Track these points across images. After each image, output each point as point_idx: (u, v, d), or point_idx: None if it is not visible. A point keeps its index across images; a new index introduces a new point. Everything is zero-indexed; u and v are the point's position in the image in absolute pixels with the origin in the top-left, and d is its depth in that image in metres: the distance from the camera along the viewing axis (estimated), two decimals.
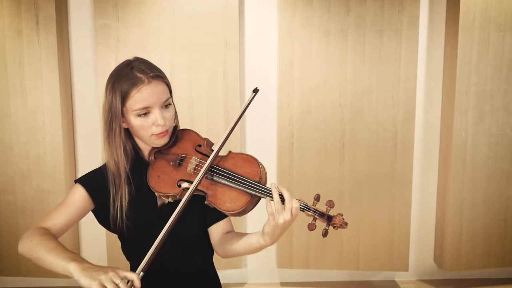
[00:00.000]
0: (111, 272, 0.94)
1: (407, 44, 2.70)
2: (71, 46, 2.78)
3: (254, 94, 1.23)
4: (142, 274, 0.99)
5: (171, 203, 1.20)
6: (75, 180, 1.25)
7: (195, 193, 1.14)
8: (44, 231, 1.14)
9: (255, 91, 1.24)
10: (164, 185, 1.18)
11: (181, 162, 1.20)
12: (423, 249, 3.02)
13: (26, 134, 2.68)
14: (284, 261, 2.87)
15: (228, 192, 1.14)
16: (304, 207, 1.12)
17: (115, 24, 2.63)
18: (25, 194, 2.72)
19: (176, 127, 1.26)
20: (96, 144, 2.75)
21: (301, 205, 1.11)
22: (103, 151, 1.22)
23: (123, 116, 1.16)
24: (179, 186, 1.17)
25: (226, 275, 2.81)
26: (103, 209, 1.23)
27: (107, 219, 1.23)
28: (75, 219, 1.22)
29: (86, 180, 1.24)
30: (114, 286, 0.91)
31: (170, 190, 1.17)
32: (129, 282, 0.95)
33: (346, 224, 1.13)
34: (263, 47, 2.82)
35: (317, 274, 3.00)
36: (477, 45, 2.68)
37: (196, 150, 1.22)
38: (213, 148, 1.21)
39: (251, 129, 2.87)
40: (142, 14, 2.63)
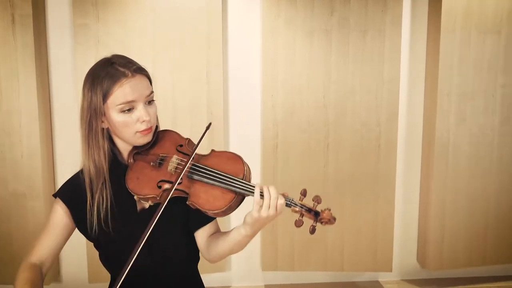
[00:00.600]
0: None
1: (390, 44, 2.71)
2: (49, 46, 2.70)
3: (207, 129, 1.18)
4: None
5: (151, 208, 1.16)
6: (53, 194, 1.21)
7: (177, 194, 1.09)
8: (25, 269, 1.12)
9: (208, 127, 1.19)
10: (143, 186, 1.12)
11: (161, 162, 1.16)
12: (406, 248, 3.04)
13: (2, 137, 2.59)
14: (268, 263, 2.85)
15: (211, 190, 1.09)
16: (290, 203, 1.08)
17: (94, 24, 2.57)
18: (1, 199, 2.62)
19: (157, 127, 1.22)
20: (75, 147, 2.63)
21: (287, 201, 1.08)
22: (81, 153, 1.17)
23: (104, 114, 1.11)
24: (160, 187, 1.12)
25: (210, 279, 2.77)
26: (82, 215, 1.18)
27: (85, 225, 1.18)
28: (63, 239, 1.19)
29: (64, 192, 1.20)
30: None
31: (150, 191, 1.12)
32: None
33: (335, 219, 1.10)
34: (247, 48, 2.79)
35: (301, 276, 2.99)
36: (458, 46, 2.71)
37: (177, 150, 1.18)
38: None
39: (235, 130, 2.84)
40: (123, 13, 2.57)
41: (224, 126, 2.75)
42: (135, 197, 1.14)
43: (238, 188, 1.08)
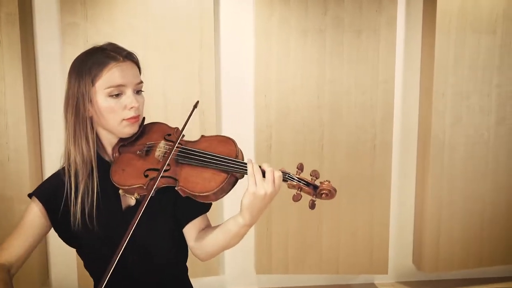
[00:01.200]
0: None
1: (385, 44, 2.68)
2: (36, 45, 2.63)
3: (194, 107, 1.15)
4: None
5: (137, 205, 1.10)
6: (29, 194, 1.14)
7: (165, 183, 1.03)
8: None
9: (195, 105, 1.16)
10: (129, 177, 1.06)
11: (149, 150, 1.10)
12: (402, 250, 3.02)
13: None
14: (263, 266, 2.80)
15: (201, 173, 1.03)
16: (287, 177, 1.03)
17: (83, 23, 2.50)
18: None
19: (144, 119, 1.17)
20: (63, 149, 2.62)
21: (284, 174, 1.02)
22: (66, 143, 1.11)
23: (90, 101, 1.06)
24: (146, 176, 1.05)
25: (203, 283, 2.71)
26: (60, 218, 1.12)
27: (63, 227, 1.12)
28: (36, 241, 1.12)
29: (41, 192, 1.14)
30: None
31: (136, 181, 1.05)
32: None
33: (335, 190, 1.02)
34: (239, 48, 2.75)
35: (296, 279, 2.95)
36: (453, 46, 2.69)
37: (165, 139, 1.13)
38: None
39: (228, 131, 2.80)
40: (112, 12, 2.52)
41: (216, 127, 2.71)
42: (120, 191, 1.08)
43: (230, 167, 1.02)
